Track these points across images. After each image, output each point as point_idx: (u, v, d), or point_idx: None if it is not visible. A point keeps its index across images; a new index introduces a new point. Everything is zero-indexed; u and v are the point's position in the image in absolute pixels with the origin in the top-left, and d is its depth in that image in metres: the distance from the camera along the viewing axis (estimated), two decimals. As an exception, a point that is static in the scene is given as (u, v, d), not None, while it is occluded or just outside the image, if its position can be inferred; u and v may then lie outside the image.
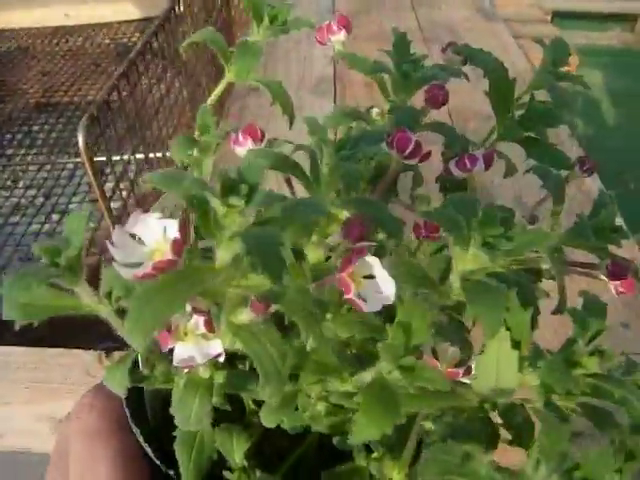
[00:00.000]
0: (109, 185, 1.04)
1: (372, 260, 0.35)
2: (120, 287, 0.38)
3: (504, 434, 0.41)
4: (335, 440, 0.47)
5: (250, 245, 0.27)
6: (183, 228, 0.30)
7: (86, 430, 0.51)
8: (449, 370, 0.39)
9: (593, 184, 1.25)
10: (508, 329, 0.38)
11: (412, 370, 0.34)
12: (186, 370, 0.42)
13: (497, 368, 0.38)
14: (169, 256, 0.29)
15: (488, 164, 0.49)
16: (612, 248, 0.47)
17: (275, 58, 1.84)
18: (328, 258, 0.43)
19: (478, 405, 0.42)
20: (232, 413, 0.49)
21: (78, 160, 1.70)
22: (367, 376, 0.37)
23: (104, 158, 0.88)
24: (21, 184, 1.69)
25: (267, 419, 0.44)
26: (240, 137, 0.48)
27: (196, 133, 0.51)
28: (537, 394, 0.34)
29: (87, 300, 0.39)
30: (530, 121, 0.52)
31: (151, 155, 1.05)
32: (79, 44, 2.16)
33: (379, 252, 0.52)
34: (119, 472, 0.49)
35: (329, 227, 0.41)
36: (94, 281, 0.39)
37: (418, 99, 0.53)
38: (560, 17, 3.28)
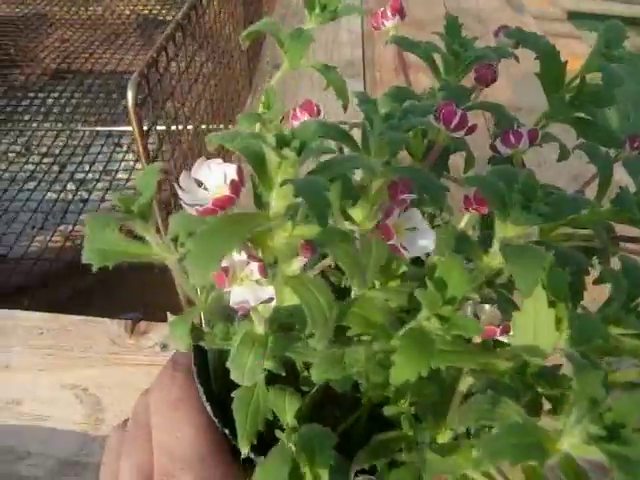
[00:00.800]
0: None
1: (413, 212, 0.37)
2: (184, 233, 0.40)
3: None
4: (385, 409, 0.50)
5: (299, 188, 0.30)
6: (240, 171, 0.33)
7: (169, 400, 0.54)
8: (486, 327, 0.41)
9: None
10: (545, 289, 0.40)
11: (448, 319, 0.36)
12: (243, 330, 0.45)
13: (534, 327, 0.40)
14: (227, 193, 0.32)
15: (532, 140, 0.51)
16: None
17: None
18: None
19: (520, 368, 0.44)
20: (286, 379, 0.52)
21: (97, 129, 1.71)
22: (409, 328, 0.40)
23: (146, 127, 0.89)
24: (36, 151, 1.70)
25: (317, 375, 0.46)
26: (298, 112, 0.52)
27: (260, 109, 0.56)
28: (567, 346, 0.36)
29: (156, 247, 0.42)
30: (581, 101, 0.54)
31: (189, 127, 1.07)
32: (99, 13, 2.16)
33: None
34: (202, 437, 0.52)
35: (377, 193, 0.44)
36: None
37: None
38: (576, 17, 3.29)
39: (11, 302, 1.17)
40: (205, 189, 0.35)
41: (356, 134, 0.45)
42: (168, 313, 0.54)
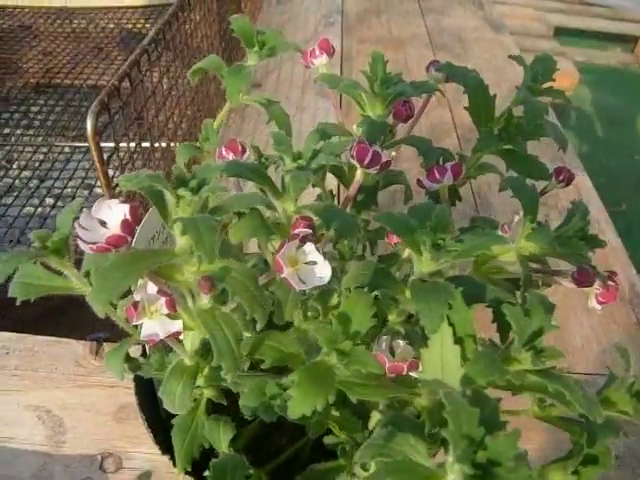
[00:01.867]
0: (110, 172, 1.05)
1: (309, 247, 0.38)
2: (93, 269, 0.42)
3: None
4: (325, 439, 0.51)
5: (186, 226, 0.31)
6: (133, 211, 0.34)
7: None
8: (395, 363, 0.42)
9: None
10: (452, 325, 0.41)
11: (348, 354, 0.37)
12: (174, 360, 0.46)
13: (442, 363, 0.41)
14: (119, 232, 0.33)
15: (457, 175, 0.52)
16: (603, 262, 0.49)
17: (282, 59, 1.86)
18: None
19: (430, 403, 0.45)
20: (232, 409, 0.53)
21: (76, 144, 1.72)
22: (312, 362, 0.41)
23: (112, 144, 0.90)
24: (16, 165, 1.70)
25: (244, 407, 0.47)
26: (223, 151, 0.53)
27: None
28: (460, 384, 0.37)
29: (74, 280, 0.43)
30: (508, 134, 0.55)
31: (157, 145, 1.07)
32: (83, 26, 2.16)
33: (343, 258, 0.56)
34: None
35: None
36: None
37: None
38: (562, 34, 3.32)
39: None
40: (107, 228, 0.36)
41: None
42: (104, 345, 0.55)
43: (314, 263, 0.39)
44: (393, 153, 0.55)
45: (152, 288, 0.40)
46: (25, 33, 2.15)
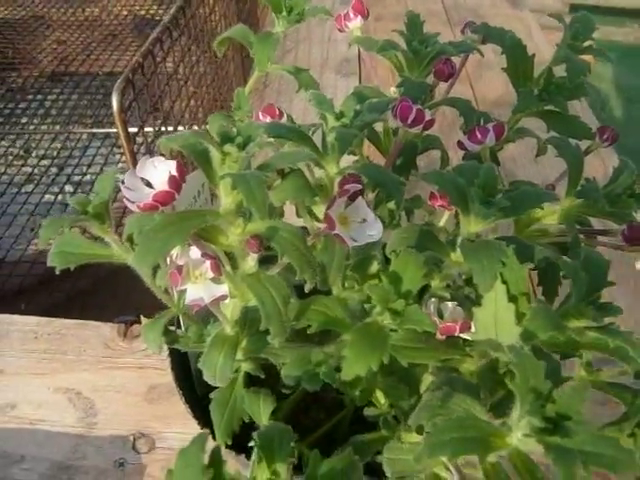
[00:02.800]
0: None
1: (360, 203, 0.37)
2: (136, 231, 0.41)
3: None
4: (365, 411, 0.50)
5: (236, 182, 0.30)
6: (180, 167, 0.33)
7: None
8: (446, 324, 0.41)
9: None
10: (505, 283, 0.40)
11: (401, 313, 0.36)
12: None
13: (495, 322, 0.40)
14: (166, 188, 0.32)
15: (499, 136, 0.51)
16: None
17: (298, 39, 1.84)
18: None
19: (491, 366, 0.44)
20: (269, 382, 0.52)
21: (94, 131, 1.72)
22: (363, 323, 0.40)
23: (135, 129, 0.89)
24: (34, 154, 1.70)
25: (287, 377, 0.47)
26: (260, 116, 0.53)
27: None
28: (521, 339, 0.36)
29: (115, 248, 0.43)
30: (549, 94, 0.54)
31: (180, 128, 1.06)
32: (96, 14, 2.16)
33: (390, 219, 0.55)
34: None
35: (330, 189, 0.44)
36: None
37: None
38: (578, 10, 3.26)
39: (8, 305, 1.18)
40: (152, 187, 0.35)
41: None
42: (142, 316, 0.55)
43: (364, 221, 0.37)
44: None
45: (195, 253, 0.39)
46: (38, 23, 2.15)
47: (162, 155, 0.38)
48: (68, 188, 1.59)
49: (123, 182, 0.34)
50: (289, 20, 0.55)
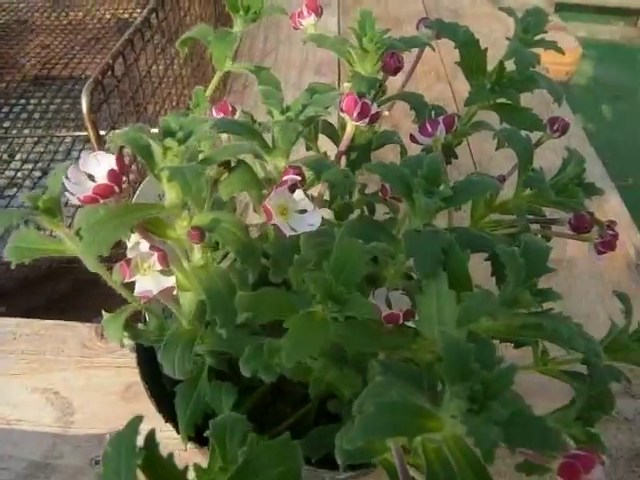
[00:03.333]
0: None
1: (298, 194, 0.38)
2: (84, 225, 0.42)
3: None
4: (328, 404, 0.51)
5: (172, 173, 0.31)
6: (120, 161, 0.34)
7: None
8: (390, 312, 0.42)
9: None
10: (446, 271, 0.41)
11: (341, 301, 0.37)
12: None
13: (437, 309, 0.40)
14: (106, 181, 0.33)
15: (449, 127, 0.52)
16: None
17: (278, 39, 1.85)
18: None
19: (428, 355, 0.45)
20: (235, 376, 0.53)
21: (77, 134, 1.72)
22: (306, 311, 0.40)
23: (104, 132, 0.89)
24: (18, 157, 1.70)
25: (243, 368, 0.47)
26: (214, 113, 0.53)
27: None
28: (457, 325, 0.37)
29: (68, 242, 0.43)
30: (501, 87, 0.55)
31: (154, 130, 1.07)
32: (79, 18, 2.16)
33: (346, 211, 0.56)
34: None
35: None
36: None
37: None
38: (563, 9, 3.28)
39: (-11, 308, 1.18)
40: (93, 180, 0.36)
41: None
42: (103, 311, 0.55)
43: (304, 212, 0.38)
44: (386, 112, 0.55)
45: (145, 246, 0.40)
46: (22, 27, 2.15)
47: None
48: (51, 191, 1.59)
49: (67, 176, 0.35)
50: (246, 19, 0.56)
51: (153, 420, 0.84)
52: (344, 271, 0.38)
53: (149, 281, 0.39)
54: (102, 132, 0.81)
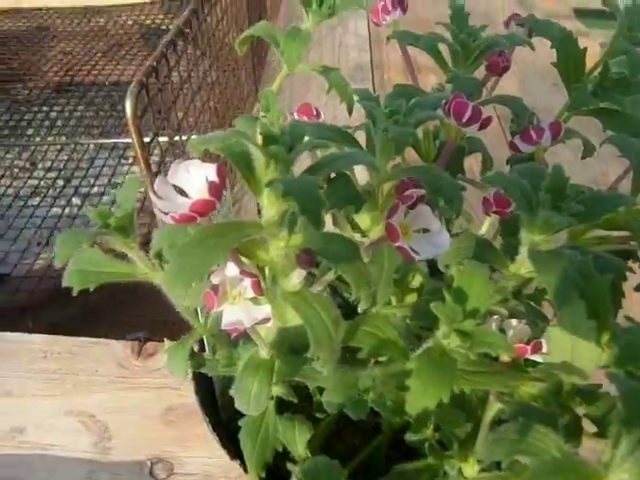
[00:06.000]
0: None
1: (422, 210, 0.33)
2: (167, 246, 0.36)
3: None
4: (407, 436, 0.46)
5: (288, 187, 0.26)
6: (220, 172, 0.29)
7: None
8: (518, 345, 0.36)
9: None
10: (582, 298, 0.35)
11: (471, 335, 0.32)
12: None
13: (572, 342, 0.35)
14: (206, 196, 0.27)
15: (556, 135, 0.47)
16: None
17: (309, 45, 1.80)
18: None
19: (554, 388, 0.39)
20: (299, 405, 0.48)
21: (101, 141, 1.68)
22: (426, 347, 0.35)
23: (147, 139, 0.84)
24: (41, 166, 1.67)
25: (329, 403, 0.43)
26: (295, 115, 0.49)
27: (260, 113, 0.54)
28: (613, 365, 0.31)
29: (141, 265, 0.39)
30: (604, 90, 0.49)
31: (193, 137, 1.02)
32: (101, 24, 2.13)
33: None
34: None
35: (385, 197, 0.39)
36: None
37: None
38: (582, 15, 3.22)
39: (15, 323, 1.13)
40: (185, 195, 0.30)
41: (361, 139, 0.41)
42: (165, 340, 0.50)
43: (426, 231, 0.33)
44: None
45: (232, 270, 0.35)
46: (43, 34, 2.12)
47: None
48: (75, 200, 1.55)
49: (154, 190, 0.30)
50: (320, 14, 0.51)
51: (196, 447, 0.79)
52: (468, 300, 0.33)
53: (239, 311, 0.34)
54: (146, 139, 0.76)
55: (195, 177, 0.30)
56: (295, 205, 0.26)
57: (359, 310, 0.34)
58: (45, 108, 1.82)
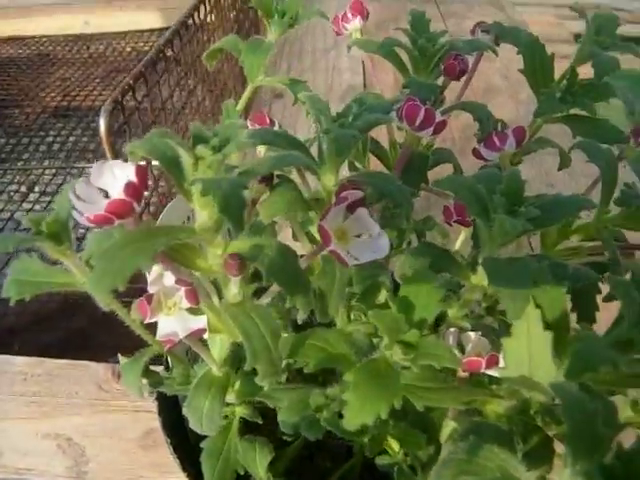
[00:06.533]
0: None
1: (361, 212, 0.31)
2: (97, 251, 0.35)
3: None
4: (378, 460, 0.44)
5: (207, 186, 0.24)
6: (140, 172, 0.27)
7: None
8: (470, 358, 0.34)
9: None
10: (539, 308, 0.33)
11: (415, 347, 0.30)
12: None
13: (529, 355, 0.33)
14: (122, 197, 0.26)
15: (520, 141, 0.45)
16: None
17: (302, 68, 1.81)
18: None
19: (522, 407, 0.37)
20: (268, 428, 0.47)
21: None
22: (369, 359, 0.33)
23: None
24: (36, 189, 1.67)
25: (284, 423, 0.41)
26: (249, 125, 0.48)
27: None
28: (565, 377, 0.29)
29: (77, 274, 0.37)
30: (573, 96, 0.48)
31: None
32: (100, 51, 2.16)
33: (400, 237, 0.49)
34: None
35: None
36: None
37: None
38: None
39: (1, 345, 1.12)
40: (107, 196, 0.29)
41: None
42: (119, 355, 0.49)
43: (366, 235, 0.31)
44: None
45: (170, 279, 0.33)
46: (43, 61, 2.15)
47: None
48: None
49: (75, 193, 0.28)
50: (282, 24, 0.50)
51: (174, 472, 0.77)
52: (415, 310, 0.31)
53: (174, 322, 0.32)
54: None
55: (120, 178, 0.28)
56: (215, 204, 0.25)
57: (299, 321, 0.32)
58: (42, 133, 1.83)
